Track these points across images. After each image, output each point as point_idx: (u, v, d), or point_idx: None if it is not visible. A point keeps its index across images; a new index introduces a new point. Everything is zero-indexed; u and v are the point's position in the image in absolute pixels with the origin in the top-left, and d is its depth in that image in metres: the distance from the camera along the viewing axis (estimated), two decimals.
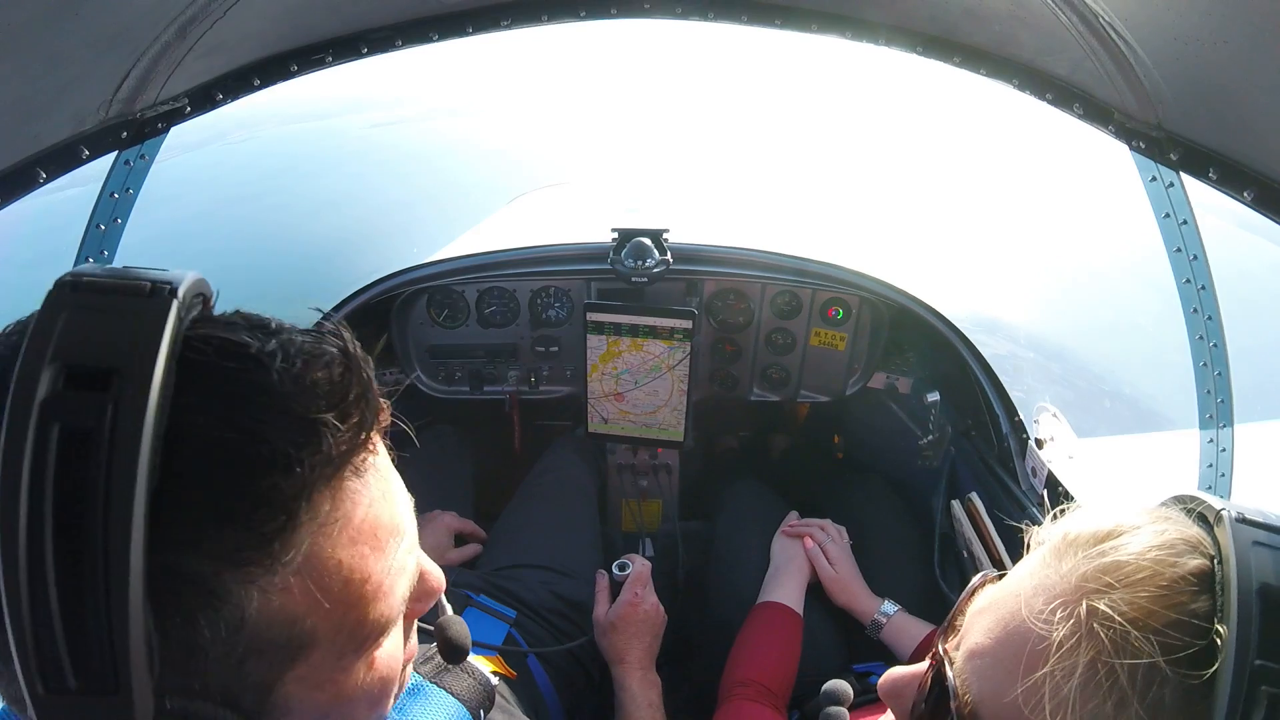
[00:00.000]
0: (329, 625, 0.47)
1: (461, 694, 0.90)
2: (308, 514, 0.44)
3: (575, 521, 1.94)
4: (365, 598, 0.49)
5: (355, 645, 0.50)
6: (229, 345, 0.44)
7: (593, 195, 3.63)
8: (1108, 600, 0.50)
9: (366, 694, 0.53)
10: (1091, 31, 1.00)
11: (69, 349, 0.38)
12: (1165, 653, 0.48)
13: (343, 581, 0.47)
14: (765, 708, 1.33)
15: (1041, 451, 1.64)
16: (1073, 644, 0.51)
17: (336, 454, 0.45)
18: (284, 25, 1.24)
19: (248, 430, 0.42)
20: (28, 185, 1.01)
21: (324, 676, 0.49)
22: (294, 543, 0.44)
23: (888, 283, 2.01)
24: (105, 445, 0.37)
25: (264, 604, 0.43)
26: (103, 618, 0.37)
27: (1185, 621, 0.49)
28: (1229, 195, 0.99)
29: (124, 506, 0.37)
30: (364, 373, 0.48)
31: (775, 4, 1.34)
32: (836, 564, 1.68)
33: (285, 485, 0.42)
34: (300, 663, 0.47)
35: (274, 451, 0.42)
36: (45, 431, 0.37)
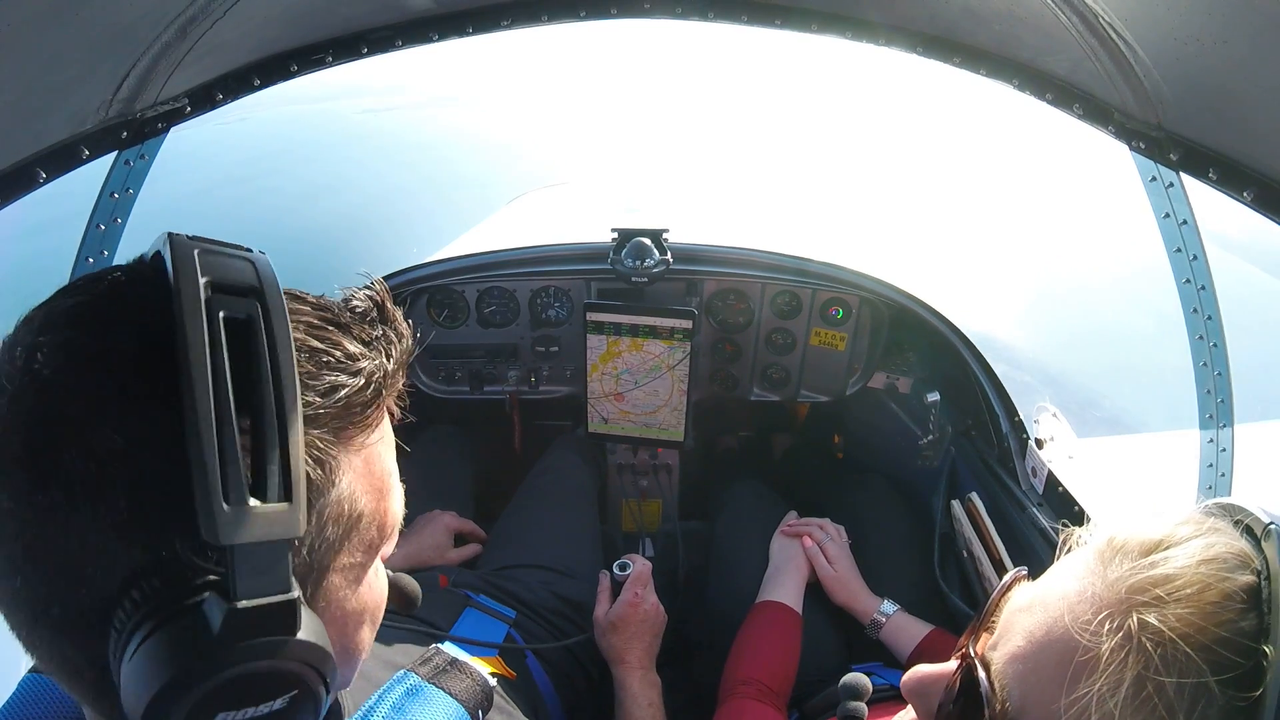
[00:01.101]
0: (369, 511, 0.57)
1: (459, 694, 0.90)
2: (378, 406, 0.56)
3: (575, 521, 1.94)
4: (388, 491, 0.60)
5: (377, 540, 0.59)
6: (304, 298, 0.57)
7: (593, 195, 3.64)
8: (1157, 614, 0.50)
9: (373, 607, 0.62)
10: (1091, 31, 1.00)
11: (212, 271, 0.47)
12: (1214, 671, 0.48)
13: (381, 471, 0.59)
14: (766, 706, 1.33)
15: (1041, 451, 1.64)
16: (1121, 658, 0.50)
17: (395, 363, 0.58)
18: (284, 25, 1.24)
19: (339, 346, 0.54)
20: (28, 185, 1.01)
21: (354, 571, 0.58)
22: (366, 429, 0.56)
23: (888, 283, 2.01)
24: (262, 330, 0.47)
25: (345, 475, 0.54)
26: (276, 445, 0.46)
27: (1233, 640, 0.48)
28: (1229, 195, 0.99)
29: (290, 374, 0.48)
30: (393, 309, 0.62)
31: (775, 4, 1.34)
32: (835, 563, 1.68)
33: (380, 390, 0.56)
34: (347, 544, 0.56)
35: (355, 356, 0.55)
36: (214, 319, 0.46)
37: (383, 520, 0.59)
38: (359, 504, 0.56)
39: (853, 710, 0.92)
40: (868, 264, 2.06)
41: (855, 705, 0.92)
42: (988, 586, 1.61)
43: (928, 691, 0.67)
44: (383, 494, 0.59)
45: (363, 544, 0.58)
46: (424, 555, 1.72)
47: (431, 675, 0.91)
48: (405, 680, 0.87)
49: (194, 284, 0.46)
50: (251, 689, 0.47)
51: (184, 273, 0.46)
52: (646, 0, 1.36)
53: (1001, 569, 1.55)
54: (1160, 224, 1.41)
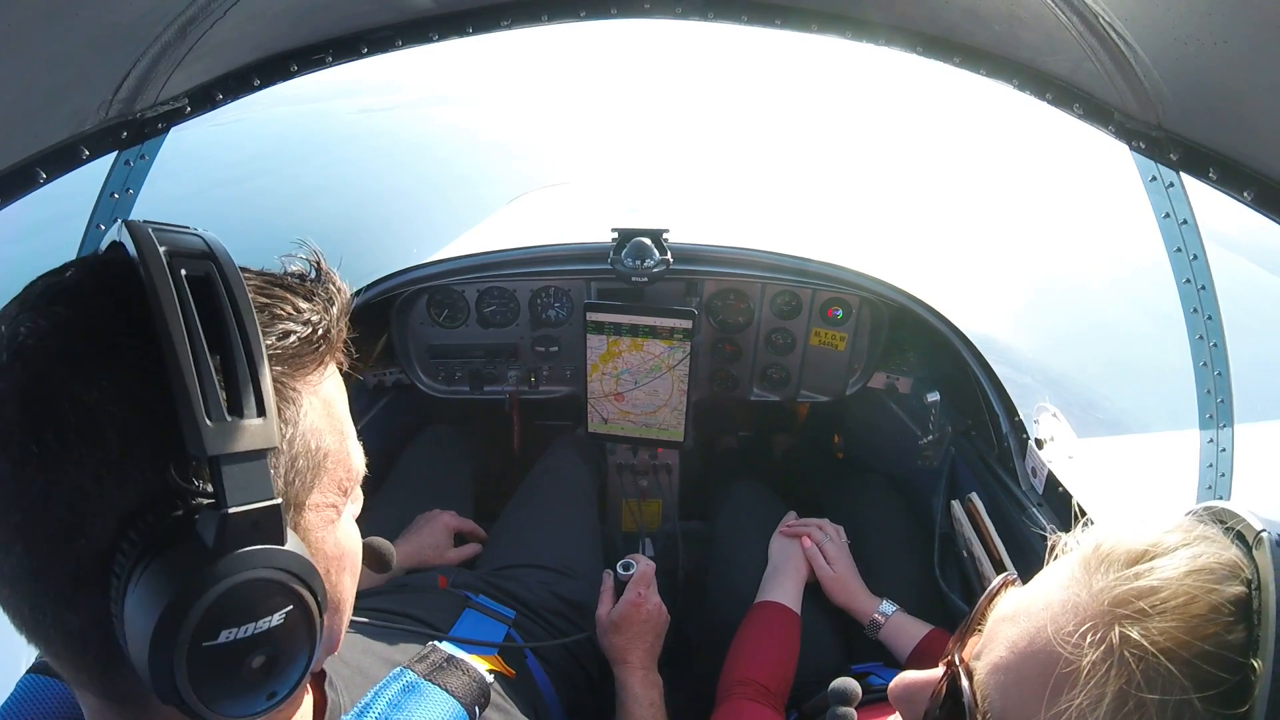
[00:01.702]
0: (335, 448, 0.61)
1: (456, 691, 0.90)
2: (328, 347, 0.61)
3: (575, 522, 1.94)
4: (347, 434, 0.64)
5: (345, 481, 0.63)
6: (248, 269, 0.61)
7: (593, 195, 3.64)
8: (1140, 628, 0.49)
9: (350, 554, 0.66)
10: (1091, 31, 1.00)
11: (167, 242, 0.53)
12: (1198, 687, 0.47)
13: (340, 412, 0.63)
14: (764, 707, 1.33)
15: (1041, 451, 1.64)
16: (1102, 672, 0.49)
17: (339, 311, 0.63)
18: (284, 25, 1.24)
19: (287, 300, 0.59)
20: (28, 185, 1.01)
21: (327, 511, 0.62)
22: (323, 368, 0.61)
23: (888, 283, 2.01)
24: (219, 281, 0.53)
25: (309, 411, 0.58)
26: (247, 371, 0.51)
27: (1219, 654, 0.47)
28: (1229, 195, 0.99)
29: (250, 317, 0.53)
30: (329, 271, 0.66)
31: (775, 4, 1.34)
32: (834, 563, 1.68)
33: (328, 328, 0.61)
34: (318, 483, 0.60)
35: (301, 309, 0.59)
36: (178, 276, 0.51)
37: (347, 462, 0.63)
38: (324, 441, 0.60)
39: (842, 715, 0.92)
40: (868, 264, 2.06)
41: (845, 711, 0.92)
42: (987, 586, 1.61)
43: (914, 698, 0.66)
44: (343, 436, 0.63)
45: (333, 483, 0.62)
46: (424, 554, 1.72)
47: (428, 672, 0.91)
48: (402, 677, 0.87)
49: (155, 251, 0.51)
50: (249, 602, 0.50)
51: (144, 243, 0.51)
52: (646, 0, 1.35)
53: (1001, 569, 1.55)
54: (1160, 224, 1.41)
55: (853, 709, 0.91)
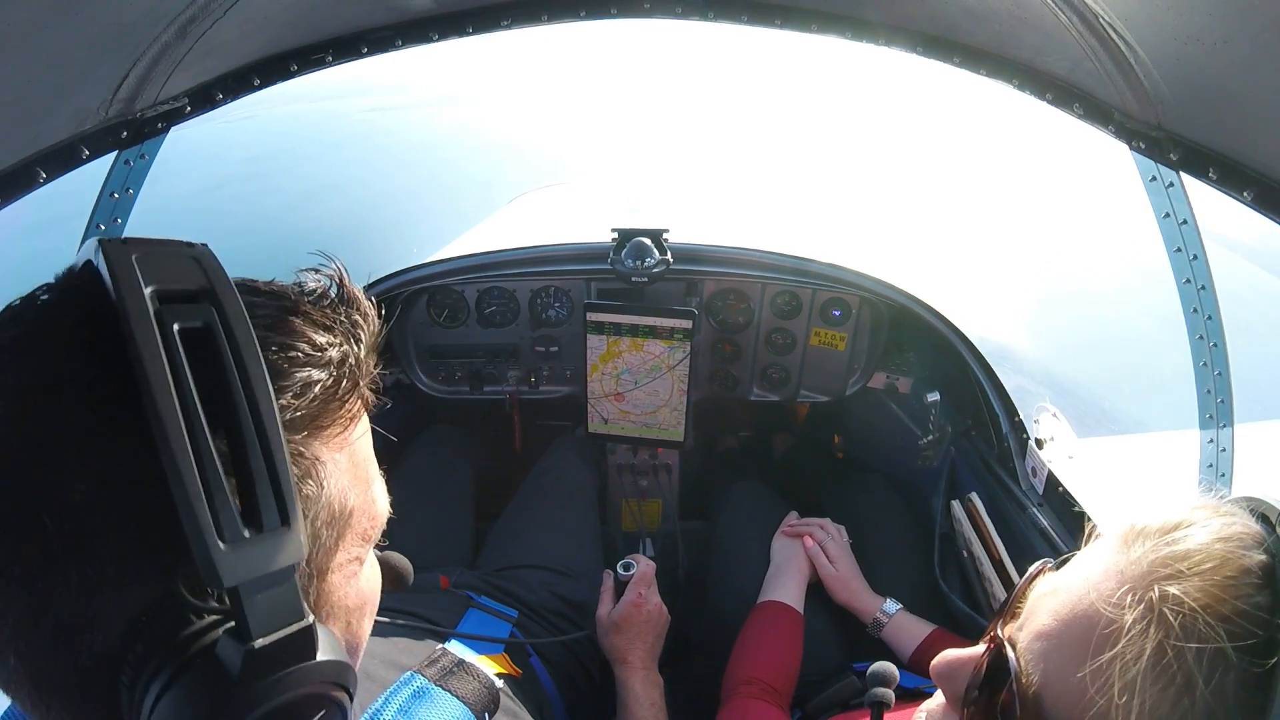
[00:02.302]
0: (359, 504, 0.55)
1: (466, 697, 0.90)
2: (356, 395, 0.54)
3: (575, 522, 1.94)
4: (373, 479, 0.59)
5: (369, 532, 0.58)
6: (258, 289, 0.53)
7: (593, 195, 3.64)
8: (1179, 586, 0.52)
9: (371, 597, 0.61)
10: (1091, 31, 1.00)
11: (155, 278, 0.43)
12: (1231, 640, 0.50)
13: (365, 462, 0.57)
14: (770, 706, 1.33)
15: (1041, 451, 1.64)
16: (1142, 627, 0.52)
17: (366, 349, 0.55)
18: (284, 25, 1.24)
19: (305, 338, 0.50)
20: (28, 185, 1.01)
21: (351, 566, 0.57)
22: (353, 430, 0.54)
23: (888, 283, 2.01)
24: (222, 337, 0.44)
25: (334, 475, 0.52)
26: (263, 466, 0.43)
27: (1250, 612, 0.50)
28: (1229, 195, 0.99)
29: (261, 383, 0.44)
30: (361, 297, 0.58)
31: (775, 4, 1.34)
32: (836, 562, 1.68)
33: (355, 380, 0.53)
34: (342, 542, 0.54)
35: (324, 346, 0.51)
36: (169, 336, 0.42)
37: (372, 509, 0.58)
38: (349, 500, 0.54)
39: (880, 696, 0.93)
40: (868, 264, 2.06)
41: (883, 691, 0.93)
42: (988, 586, 1.61)
43: (955, 674, 0.68)
44: (368, 483, 0.58)
45: (357, 538, 0.56)
46: None
47: (438, 677, 0.91)
48: (412, 682, 0.87)
49: (139, 297, 0.41)
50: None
51: (126, 285, 0.42)
52: (646, 0, 1.35)
53: (1001, 569, 1.55)
54: (1160, 224, 1.41)
55: (891, 691, 0.92)
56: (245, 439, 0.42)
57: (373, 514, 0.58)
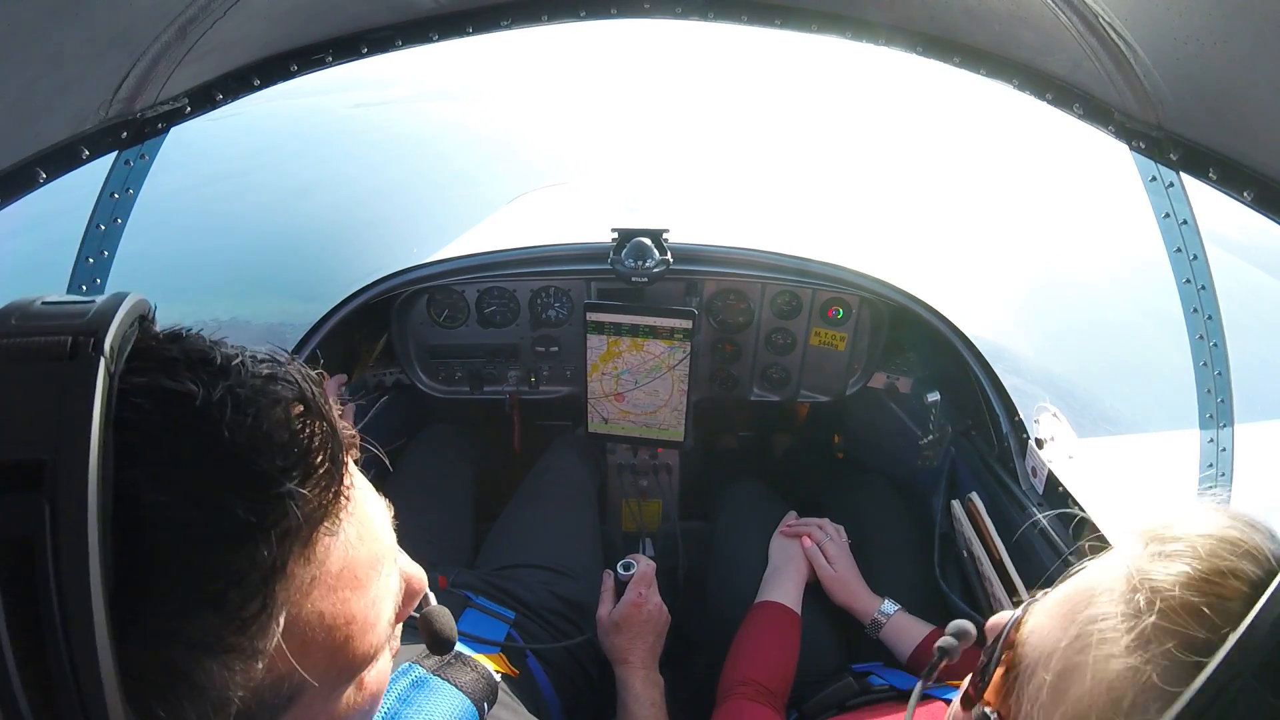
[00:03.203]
0: (317, 673, 0.45)
1: (465, 687, 0.90)
2: (283, 587, 0.41)
3: (575, 522, 1.94)
4: (352, 638, 0.48)
5: (346, 679, 0.50)
6: (171, 397, 0.39)
7: (593, 195, 3.63)
8: (1164, 566, 0.55)
9: (358, 712, 0.53)
10: (1091, 31, 1.00)
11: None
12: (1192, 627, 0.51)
13: (326, 631, 0.45)
14: (765, 707, 1.33)
15: (1041, 451, 1.64)
16: (1122, 592, 0.56)
17: (305, 516, 0.42)
18: (284, 25, 1.24)
19: (207, 503, 0.38)
20: (28, 185, 1.01)
21: (316, 712, 0.48)
22: (272, 614, 0.41)
23: (888, 282, 2.01)
24: (49, 553, 0.33)
25: (248, 676, 0.41)
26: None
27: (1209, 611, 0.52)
28: (1229, 195, 0.99)
29: (83, 615, 0.33)
30: (324, 412, 0.44)
31: (775, 4, 1.34)
32: (835, 562, 1.68)
33: (257, 558, 0.39)
34: (291, 710, 0.46)
35: (239, 525, 0.39)
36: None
37: (346, 664, 0.48)
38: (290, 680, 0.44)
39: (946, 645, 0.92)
40: (868, 264, 2.06)
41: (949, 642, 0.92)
42: (988, 586, 1.61)
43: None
44: (337, 647, 0.47)
45: (321, 694, 0.47)
46: None
47: (437, 667, 0.91)
48: (411, 672, 0.87)
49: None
50: None
51: None
52: (646, 0, 1.36)
53: (1001, 569, 1.55)
54: (1160, 224, 1.41)
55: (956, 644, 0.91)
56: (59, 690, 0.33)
57: (354, 658, 0.49)
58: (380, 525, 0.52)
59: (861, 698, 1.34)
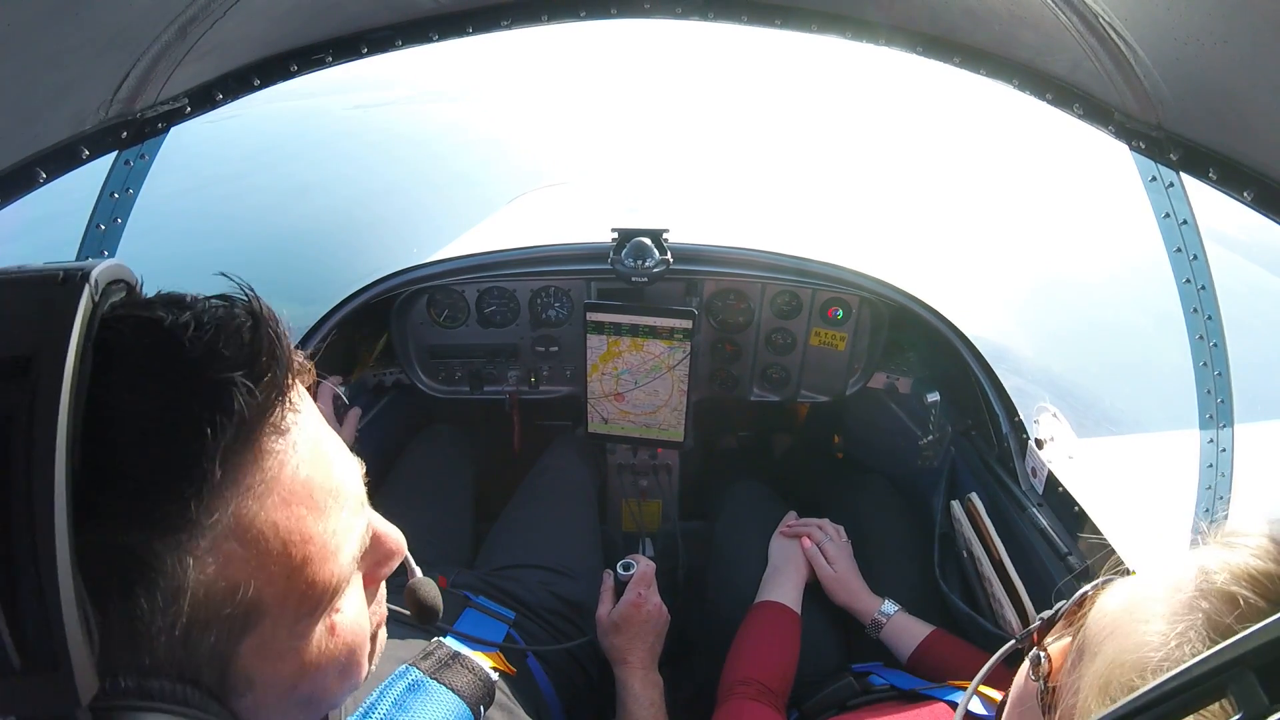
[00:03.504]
0: (275, 590, 0.48)
1: (462, 690, 0.90)
2: (227, 475, 0.45)
3: (575, 522, 1.94)
4: (310, 559, 0.50)
5: (309, 610, 0.51)
6: (143, 322, 0.45)
7: (593, 195, 3.63)
8: (1228, 554, 0.57)
9: (334, 662, 0.54)
10: (1091, 31, 1.00)
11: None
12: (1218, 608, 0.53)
13: (281, 544, 0.48)
14: (765, 707, 1.33)
15: (1041, 451, 1.64)
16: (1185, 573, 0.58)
17: (251, 413, 0.46)
18: (284, 25, 1.24)
19: (162, 400, 0.43)
20: (28, 185, 1.01)
21: (282, 646, 0.50)
22: (216, 505, 0.44)
23: (888, 282, 2.01)
24: (25, 427, 0.38)
25: (200, 571, 0.44)
26: (35, 594, 0.37)
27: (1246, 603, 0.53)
28: (1229, 195, 0.99)
29: (45, 484, 0.38)
30: (272, 330, 0.49)
31: (775, 4, 1.34)
32: (835, 563, 1.68)
33: (200, 449, 0.43)
34: (252, 632, 0.48)
35: (187, 417, 0.43)
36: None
37: (306, 590, 0.49)
38: (246, 592, 0.46)
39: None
40: (867, 264, 2.06)
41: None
42: (988, 586, 1.61)
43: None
44: (295, 565, 0.48)
45: (284, 622, 0.49)
46: None
47: (433, 670, 0.91)
48: (407, 675, 0.87)
49: None
50: None
51: None
52: (646, 0, 1.36)
53: (1001, 569, 1.55)
54: (1160, 224, 1.41)
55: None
56: (19, 558, 0.37)
57: (313, 586, 0.50)
58: (340, 463, 0.54)
59: (862, 698, 1.34)
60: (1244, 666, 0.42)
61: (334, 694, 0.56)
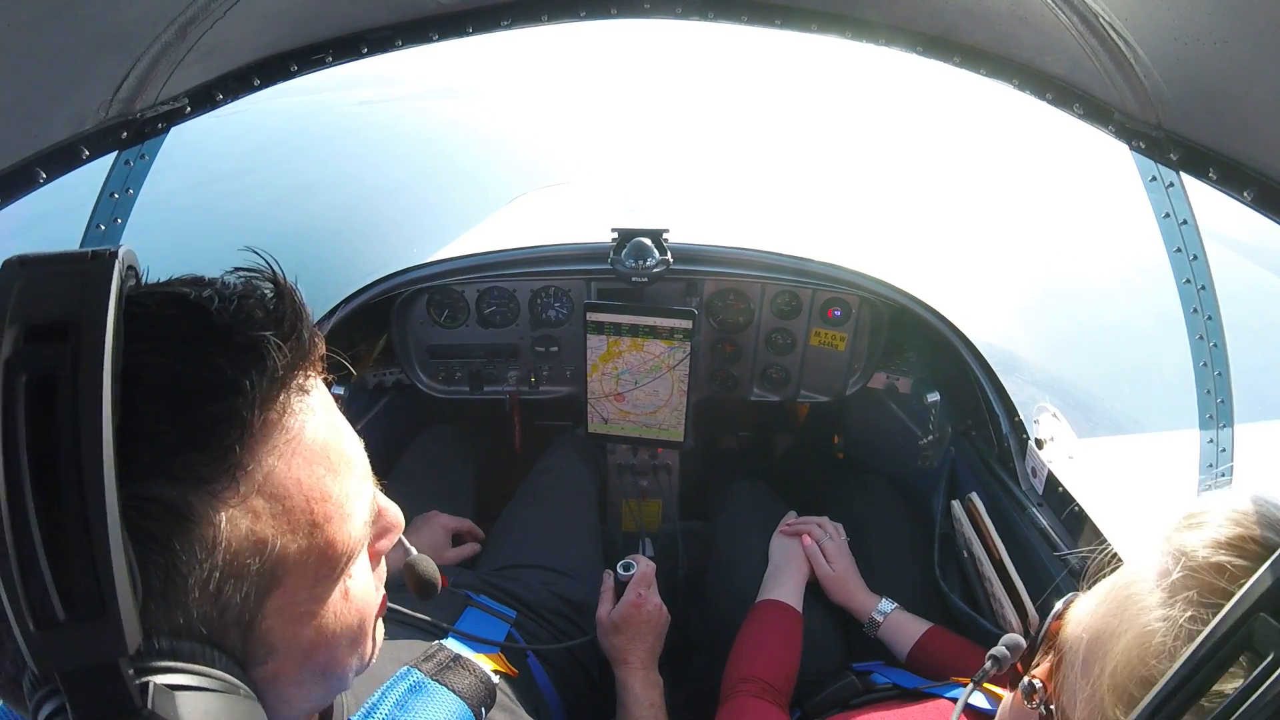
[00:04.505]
0: (298, 548, 0.50)
1: (463, 691, 0.90)
2: (261, 429, 0.47)
3: (575, 522, 1.94)
4: (329, 518, 0.52)
5: (327, 571, 0.53)
6: (168, 297, 0.48)
7: (593, 195, 3.63)
8: (1194, 533, 0.59)
9: (347, 630, 0.56)
10: (1091, 31, 1.00)
11: (26, 311, 0.41)
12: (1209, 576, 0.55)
13: (304, 499, 0.50)
14: (769, 705, 1.33)
15: (1041, 451, 1.64)
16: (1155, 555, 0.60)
17: (281, 369, 0.48)
18: (284, 25, 1.24)
19: (197, 361, 0.45)
20: (28, 185, 1.01)
21: (301, 608, 0.52)
22: (248, 460, 0.47)
23: (887, 283, 2.01)
24: (69, 385, 0.39)
25: (232, 525, 0.46)
26: (84, 545, 0.39)
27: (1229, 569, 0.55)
28: (1229, 195, 0.99)
29: (93, 438, 0.39)
30: (295, 297, 0.52)
31: (775, 4, 1.34)
32: (834, 561, 1.68)
33: (237, 403, 0.46)
34: (277, 590, 0.49)
35: (223, 376, 0.46)
36: (13, 382, 0.39)
37: (325, 550, 0.52)
38: (276, 545, 0.48)
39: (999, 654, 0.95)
40: (867, 264, 2.06)
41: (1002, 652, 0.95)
42: (988, 586, 1.61)
43: None
44: (316, 523, 0.51)
45: (306, 579, 0.51)
46: None
47: (435, 672, 0.91)
48: (408, 676, 0.87)
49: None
50: None
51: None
52: (646, 0, 1.35)
53: (1001, 569, 1.55)
54: (1160, 224, 1.41)
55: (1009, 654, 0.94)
56: (66, 510, 0.39)
57: (328, 554, 0.52)
58: (350, 437, 0.57)
59: (864, 696, 1.34)
60: (1259, 611, 0.44)
61: (344, 668, 0.58)
